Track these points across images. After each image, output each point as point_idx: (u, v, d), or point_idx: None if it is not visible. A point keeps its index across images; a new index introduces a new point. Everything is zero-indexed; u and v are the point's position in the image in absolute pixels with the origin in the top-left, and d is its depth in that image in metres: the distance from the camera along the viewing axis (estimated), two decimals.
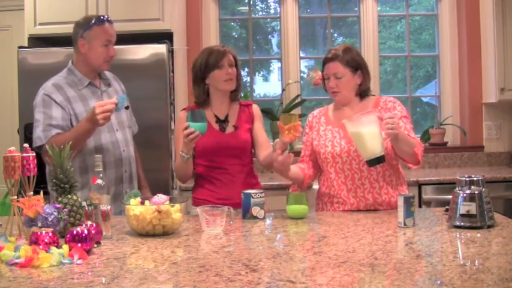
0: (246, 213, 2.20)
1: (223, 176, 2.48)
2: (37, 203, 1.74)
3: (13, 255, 1.55)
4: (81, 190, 2.32)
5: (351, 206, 2.33)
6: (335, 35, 4.62)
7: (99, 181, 1.91)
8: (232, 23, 4.68)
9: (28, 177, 1.82)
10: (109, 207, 1.90)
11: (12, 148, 1.79)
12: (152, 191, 2.61)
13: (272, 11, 4.66)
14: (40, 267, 1.50)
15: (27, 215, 1.74)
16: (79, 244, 1.62)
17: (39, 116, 2.41)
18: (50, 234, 1.63)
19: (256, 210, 2.19)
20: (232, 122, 2.54)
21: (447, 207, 2.08)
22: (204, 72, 2.48)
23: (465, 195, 1.93)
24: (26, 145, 1.85)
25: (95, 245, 1.72)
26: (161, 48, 3.29)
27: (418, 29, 4.59)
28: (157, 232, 1.91)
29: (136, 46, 3.28)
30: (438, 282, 1.35)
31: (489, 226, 1.91)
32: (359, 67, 2.38)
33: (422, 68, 4.62)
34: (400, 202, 1.99)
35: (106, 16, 2.54)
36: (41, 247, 1.57)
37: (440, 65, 4.39)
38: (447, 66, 4.34)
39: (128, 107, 2.53)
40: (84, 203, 1.87)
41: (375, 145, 2.14)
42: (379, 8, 4.39)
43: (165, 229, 1.91)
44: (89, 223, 1.76)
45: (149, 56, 3.30)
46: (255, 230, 2.05)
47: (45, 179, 2.47)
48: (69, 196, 1.90)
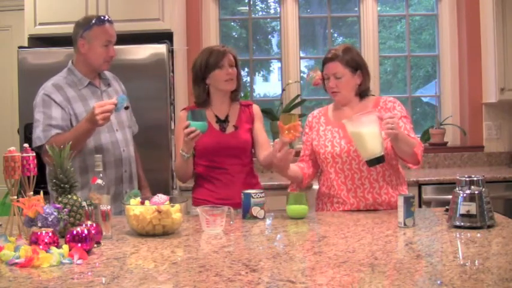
0: (246, 213, 2.20)
1: (223, 176, 2.48)
2: (37, 203, 1.74)
3: (13, 255, 1.55)
4: (81, 190, 2.32)
5: (351, 206, 2.33)
6: (335, 35, 4.61)
7: (99, 181, 1.91)
8: (232, 23, 4.68)
9: (28, 177, 1.82)
10: (109, 207, 1.90)
11: (12, 148, 1.79)
12: (152, 191, 2.61)
13: (272, 11, 4.66)
14: (40, 267, 1.50)
15: (27, 215, 1.74)
16: (79, 244, 1.62)
17: (39, 116, 2.41)
18: (50, 234, 1.63)
19: (256, 210, 2.19)
20: (232, 122, 2.54)
21: (447, 207, 2.08)
22: (204, 72, 2.48)
23: (465, 195, 1.93)
24: (26, 145, 1.85)
25: (95, 245, 1.72)
26: (161, 48, 3.29)
27: (418, 29, 4.59)
28: (157, 232, 1.91)
29: (136, 46, 3.28)
30: (438, 282, 1.35)
31: (489, 226, 1.91)
32: (359, 67, 2.38)
33: (422, 68, 4.62)
34: (400, 202, 1.99)
35: (106, 16, 2.54)
36: (41, 247, 1.57)
37: (440, 65, 4.39)
38: (447, 66, 4.34)
39: (128, 107, 2.53)
40: (84, 203, 1.87)
41: (375, 145, 2.13)
42: (379, 8, 4.39)
43: (165, 229, 1.91)
44: (89, 223, 1.76)
45: (149, 56, 3.30)
46: (255, 230, 2.05)
47: (45, 179, 2.47)
48: (69, 196, 1.90)
